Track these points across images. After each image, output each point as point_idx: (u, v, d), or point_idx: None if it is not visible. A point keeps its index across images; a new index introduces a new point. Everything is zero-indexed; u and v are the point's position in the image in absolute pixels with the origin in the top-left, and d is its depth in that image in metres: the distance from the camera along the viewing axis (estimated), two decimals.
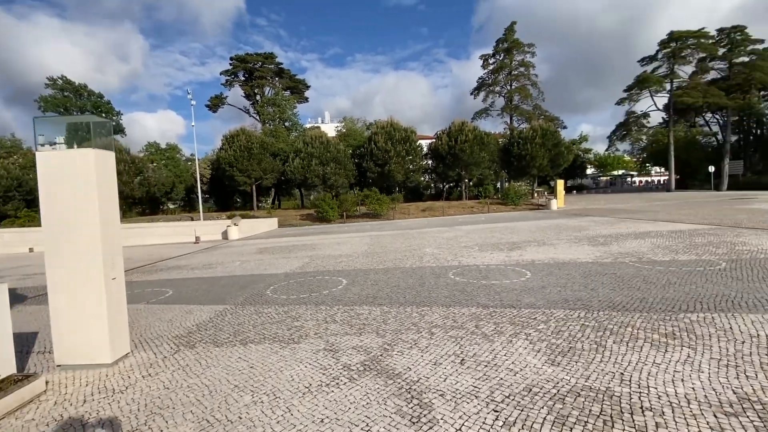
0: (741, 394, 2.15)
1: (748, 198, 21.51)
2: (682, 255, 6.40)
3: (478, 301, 4.46)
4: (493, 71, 41.48)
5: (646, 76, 35.55)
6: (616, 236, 9.23)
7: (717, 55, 34.66)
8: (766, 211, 13.00)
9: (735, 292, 4.11)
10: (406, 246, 10.25)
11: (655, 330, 3.19)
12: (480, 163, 32.36)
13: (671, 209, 16.52)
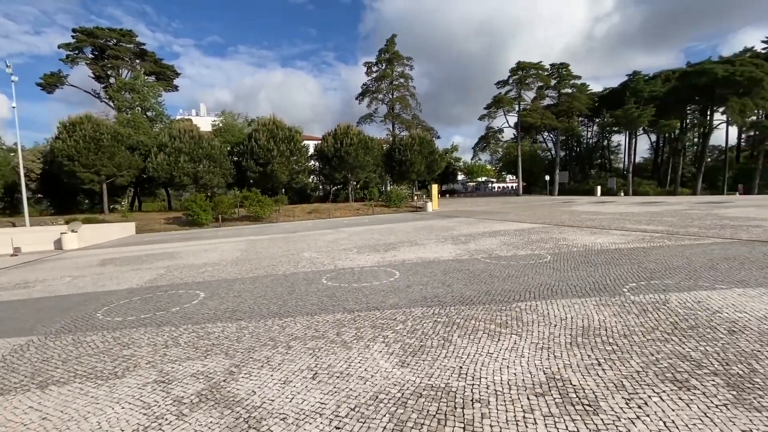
0: (549, 374, 2.48)
1: (570, 201, 26.90)
2: (521, 250, 7.51)
3: (345, 306, 4.39)
4: (376, 79, 43.26)
5: (501, 98, 41.83)
6: (474, 235, 10.40)
7: (550, 85, 42.81)
8: (582, 212, 16.39)
9: (554, 281, 4.92)
10: (283, 251, 9.74)
11: (493, 320, 3.56)
12: (365, 167, 33.30)
13: (518, 211, 19.55)
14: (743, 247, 6.45)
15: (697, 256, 5.94)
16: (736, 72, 35.62)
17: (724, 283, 4.37)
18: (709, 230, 8.74)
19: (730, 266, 5.15)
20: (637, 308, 3.66)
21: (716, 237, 7.72)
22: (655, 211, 14.62)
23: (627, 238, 8.25)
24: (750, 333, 2.93)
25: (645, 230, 9.42)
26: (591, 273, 5.25)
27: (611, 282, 4.70)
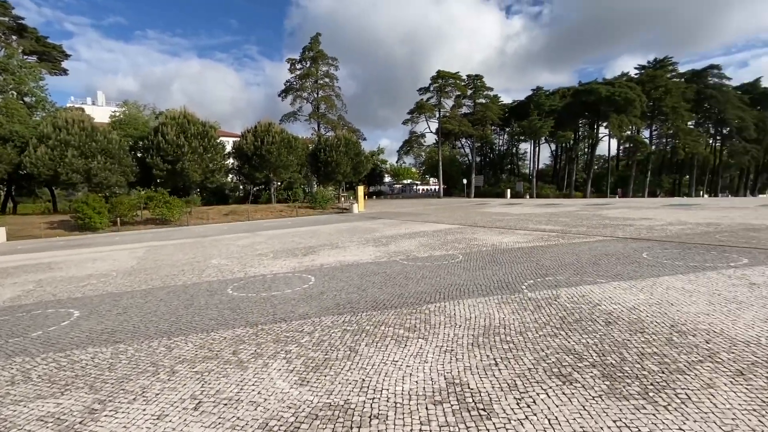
0: (450, 378, 2.47)
1: (484, 203, 28.97)
2: (437, 251, 7.75)
3: (249, 319, 4.02)
4: (300, 77, 42.09)
5: (423, 104, 43.65)
6: (395, 237, 10.54)
7: (467, 94, 45.81)
8: (493, 213, 17.69)
9: (463, 281, 5.11)
10: (188, 258, 8.81)
11: (403, 324, 3.52)
12: (288, 167, 32.10)
13: (438, 212, 20.45)
14: (619, 244, 7.43)
15: (584, 253, 6.68)
16: (616, 93, 41.89)
17: (604, 277, 4.93)
18: (595, 229, 9.97)
19: (609, 262, 5.87)
20: (533, 305, 3.92)
21: (600, 235, 8.82)
22: (552, 212, 16.35)
23: (528, 237, 9.02)
24: (622, 323, 3.29)
25: (544, 230, 10.42)
26: (496, 271, 5.57)
27: (512, 280, 5.02)
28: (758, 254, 5.82)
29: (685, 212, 13.56)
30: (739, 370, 2.37)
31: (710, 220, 10.57)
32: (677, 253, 6.27)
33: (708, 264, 5.34)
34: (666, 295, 4.01)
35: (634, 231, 9.22)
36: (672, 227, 9.58)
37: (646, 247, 6.98)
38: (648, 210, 15.39)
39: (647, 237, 8.17)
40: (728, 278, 4.54)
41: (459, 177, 54.82)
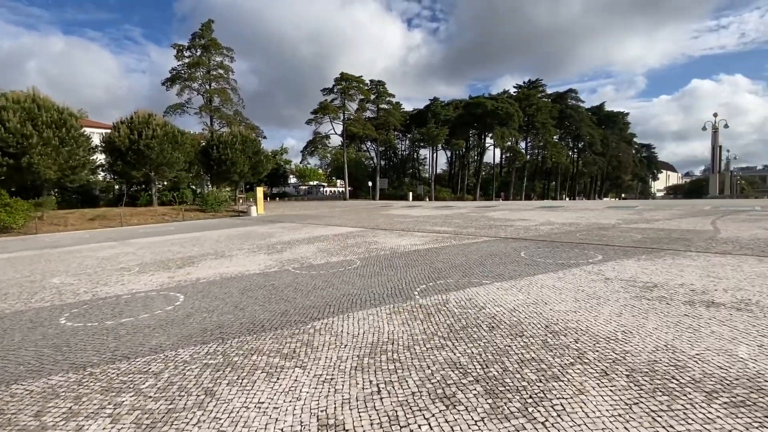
0: (323, 419, 2.08)
1: (388, 205, 29.70)
2: (334, 257, 7.37)
3: (77, 361, 3.07)
4: (189, 65, 37.84)
5: (326, 104, 43.15)
6: (293, 242, 9.86)
7: (370, 99, 46.72)
8: (395, 215, 18.08)
9: (357, 290, 4.81)
10: (20, 277, 6.88)
11: (280, 351, 3.03)
12: (174, 164, 28.43)
13: (343, 215, 20.16)
14: (501, 244, 8.01)
15: (472, 254, 6.99)
16: (499, 107, 47.17)
17: (488, 278, 5.12)
18: (482, 230, 10.73)
19: (493, 262, 6.19)
20: (423, 312, 3.78)
21: (486, 236, 9.46)
22: (447, 214, 17.37)
23: (425, 239, 9.24)
24: (504, 327, 3.31)
25: (438, 231, 10.85)
26: (391, 277, 5.41)
27: (406, 285, 4.89)
28: (609, 251, 6.76)
29: (553, 213, 15.60)
30: (604, 369, 2.47)
31: (571, 221, 12.27)
32: (548, 251, 6.95)
33: (572, 261, 5.98)
34: (540, 293, 4.27)
35: (514, 231, 10.14)
36: (543, 227, 10.82)
37: (523, 246, 7.63)
38: (524, 212, 17.36)
39: (524, 237, 9.01)
40: (588, 274, 5.08)
41: (365, 179, 55.55)
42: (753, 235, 7.83)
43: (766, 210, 13.54)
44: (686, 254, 6.11)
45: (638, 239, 7.93)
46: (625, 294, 4.12)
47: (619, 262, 5.77)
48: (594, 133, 66.93)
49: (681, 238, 7.87)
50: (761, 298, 3.76)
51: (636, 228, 9.78)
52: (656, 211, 15.00)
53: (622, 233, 8.94)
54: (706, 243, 7.10)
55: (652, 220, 11.51)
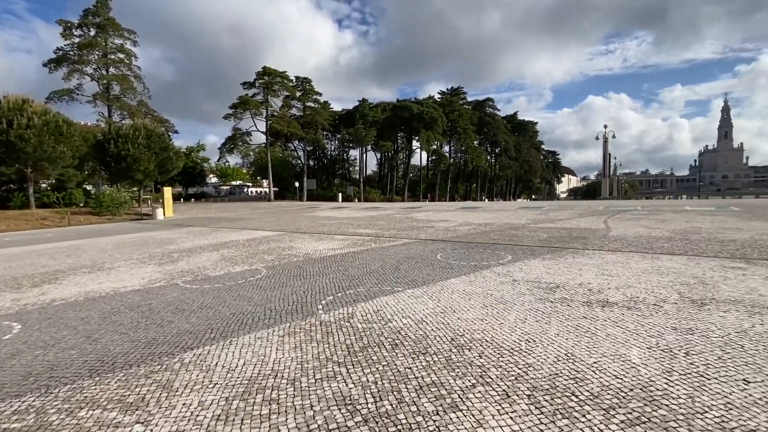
0: None
1: (315, 207, 28.77)
2: (238, 266, 6.57)
3: None
4: (80, 46, 32.75)
5: (247, 99, 40.52)
6: (195, 250, 8.72)
7: (296, 96, 45.04)
8: (320, 217, 17.37)
9: (252, 306, 4.18)
10: None
11: (123, 399, 2.33)
12: (57, 160, 24.23)
13: (264, 217, 18.86)
14: (420, 246, 7.90)
15: (390, 257, 6.72)
16: (424, 111, 48.74)
17: (402, 284, 4.84)
18: (403, 231, 10.62)
19: (409, 266, 5.97)
20: (323, 331, 3.32)
21: (406, 238, 9.33)
22: (373, 216, 17.17)
23: (345, 243, 8.81)
24: (408, 344, 2.99)
25: (361, 234, 10.50)
26: (297, 288, 4.86)
27: (311, 298, 4.38)
28: (518, 251, 6.97)
29: (472, 214, 16.26)
30: (505, 391, 2.24)
31: (487, 221, 12.81)
32: (463, 253, 6.96)
33: (484, 262, 6.00)
34: (450, 300, 4.07)
35: (434, 232, 10.19)
36: (462, 228, 11.07)
37: (440, 248, 7.59)
38: (447, 212, 17.88)
39: (443, 238, 9.05)
40: (498, 276, 5.07)
41: (292, 180, 53.57)
42: (636, 233, 8.75)
43: (644, 210, 15.55)
44: (584, 252, 6.51)
45: (544, 238, 8.39)
46: (531, 297, 4.10)
47: (526, 262, 5.91)
48: (509, 140, 72.76)
49: (580, 236, 8.49)
50: (646, 295, 3.97)
51: (542, 228, 10.44)
52: (560, 211, 16.43)
53: (530, 233, 9.43)
54: (600, 241, 7.71)
55: (557, 220, 12.47)
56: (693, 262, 5.42)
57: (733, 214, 12.35)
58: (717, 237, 7.62)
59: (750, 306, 3.52)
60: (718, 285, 4.22)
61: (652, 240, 7.59)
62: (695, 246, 6.72)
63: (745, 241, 6.99)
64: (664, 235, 8.23)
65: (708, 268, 5.02)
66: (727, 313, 3.38)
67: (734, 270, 4.87)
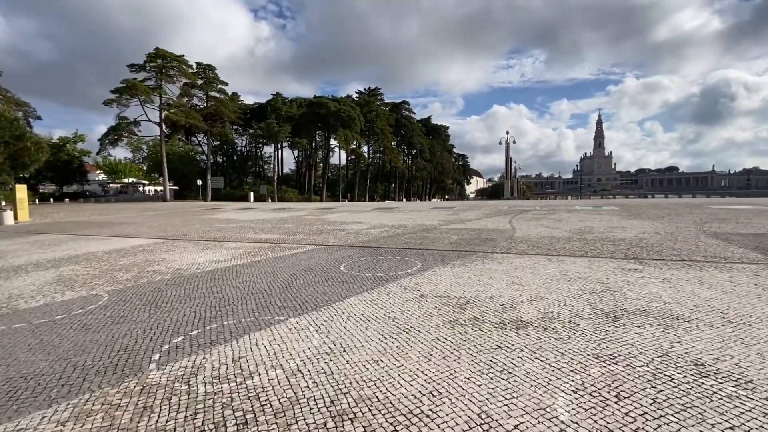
0: None
1: (219, 208, 25.94)
2: (73, 291, 4.88)
3: None
4: None
5: (134, 83, 35.10)
6: (25, 267, 6.55)
7: (197, 84, 40.50)
8: (220, 220, 15.31)
9: (49, 362, 2.79)
10: None
11: None
12: None
13: (149, 221, 16.07)
14: (324, 254, 6.94)
15: (284, 270, 5.64)
16: (341, 109, 47.80)
17: (286, 310, 3.83)
18: (310, 236, 9.56)
19: (305, 281, 4.98)
20: (138, 405, 2.18)
21: (312, 244, 8.29)
22: (282, 218, 15.70)
23: (236, 252, 7.44)
24: (264, 419, 2.02)
25: (260, 240, 9.17)
26: (138, 325, 3.54)
27: (150, 342, 3.14)
28: (428, 256, 6.43)
29: (387, 215, 15.80)
30: None
31: (401, 222, 12.37)
32: (371, 261, 6.19)
33: (391, 273, 5.28)
34: (342, 332, 3.19)
35: (344, 236, 9.32)
36: (374, 230, 10.39)
37: (347, 256, 6.73)
38: (362, 213, 17.20)
39: (352, 243, 8.22)
40: (404, 291, 4.36)
41: (195, 177, 48.31)
42: (539, 233, 8.94)
43: (543, 210, 16.72)
44: (493, 257, 6.21)
45: (455, 241, 8.06)
46: (438, 319, 3.42)
47: (436, 271, 5.33)
48: (424, 142, 75.62)
49: (488, 238, 8.36)
50: (560, 310, 3.57)
51: (453, 229, 10.26)
52: (469, 211, 16.86)
53: (441, 235, 9.11)
54: (508, 243, 7.60)
55: (466, 221, 12.54)
56: (595, 265, 5.37)
57: (614, 213, 13.75)
58: (608, 236, 8.05)
59: (660, 317, 3.29)
60: (623, 292, 4.03)
61: (554, 240, 7.71)
62: (593, 246, 6.90)
63: (632, 240, 7.42)
64: (564, 235, 8.50)
65: (609, 271, 4.95)
66: (641, 328, 3.07)
67: (633, 273, 4.85)
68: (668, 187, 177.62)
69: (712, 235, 7.73)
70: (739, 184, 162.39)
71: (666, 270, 4.95)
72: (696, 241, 7.06)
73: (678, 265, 5.18)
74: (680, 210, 13.95)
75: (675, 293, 3.92)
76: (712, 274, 4.63)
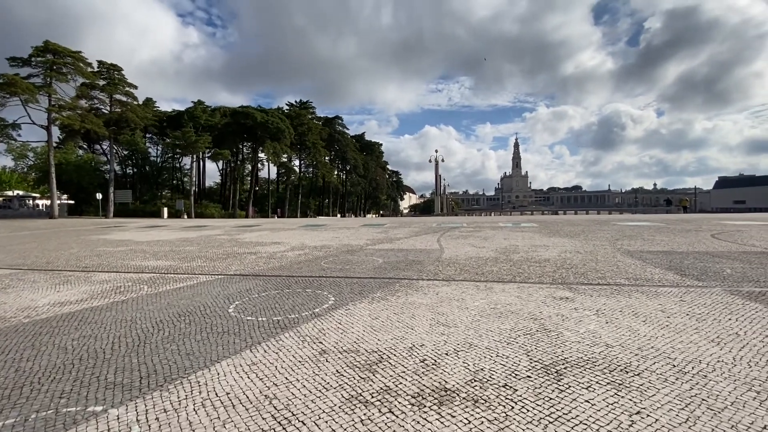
0: None
1: (120, 225, 22.44)
2: None
3: None
4: None
5: (14, 79, 29.60)
6: None
7: (98, 85, 35.69)
8: (108, 242, 12.79)
9: None
10: None
11: None
12: None
13: (16, 242, 12.94)
14: (217, 288, 5.63)
15: (150, 315, 4.27)
16: (269, 121, 45.56)
17: (111, 392, 2.58)
18: (211, 262, 8.07)
19: (172, 334, 3.70)
20: None
21: (207, 273, 6.87)
22: (188, 238, 13.70)
23: (99, 289, 5.77)
24: None
25: (144, 269, 7.46)
26: None
27: None
28: (345, 287, 5.48)
29: (313, 234, 14.61)
30: None
31: (325, 242, 11.31)
32: (273, 297, 5.06)
33: (293, 315, 4.22)
34: None
35: (252, 262, 8.01)
36: (291, 253, 9.20)
37: (246, 290, 5.50)
38: (285, 232, 15.79)
39: (259, 271, 6.97)
40: (302, 345, 3.34)
41: (97, 190, 42.22)
42: (466, 253, 8.51)
43: (470, 226, 16.83)
44: (418, 285, 5.46)
45: (379, 265, 7.24)
46: (336, 396, 2.47)
47: (349, 309, 4.40)
48: (357, 158, 75.61)
49: (415, 260, 7.69)
50: (492, 366, 2.83)
51: (380, 250, 9.49)
52: (400, 228, 16.36)
53: (366, 257, 8.25)
54: (435, 266, 6.97)
55: (395, 239, 11.90)
56: (525, 293, 4.86)
57: (535, 230, 14.15)
58: (533, 256, 7.85)
59: (608, 369, 2.70)
60: (560, 332, 3.46)
61: (481, 262, 7.27)
62: (519, 269, 6.53)
63: (557, 261, 7.24)
64: (491, 255, 8.15)
65: (541, 302, 4.45)
66: (590, 391, 2.42)
67: (564, 303, 4.39)
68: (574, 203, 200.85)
69: (627, 254, 7.90)
70: (629, 201, 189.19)
71: (597, 297, 4.59)
72: (615, 261, 7.06)
73: (606, 291, 4.88)
74: (591, 227, 14.83)
75: (614, 331, 3.43)
76: (642, 302, 4.33)
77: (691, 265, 6.47)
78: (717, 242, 9.58)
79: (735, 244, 9.09)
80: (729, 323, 3.53)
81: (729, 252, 7.87)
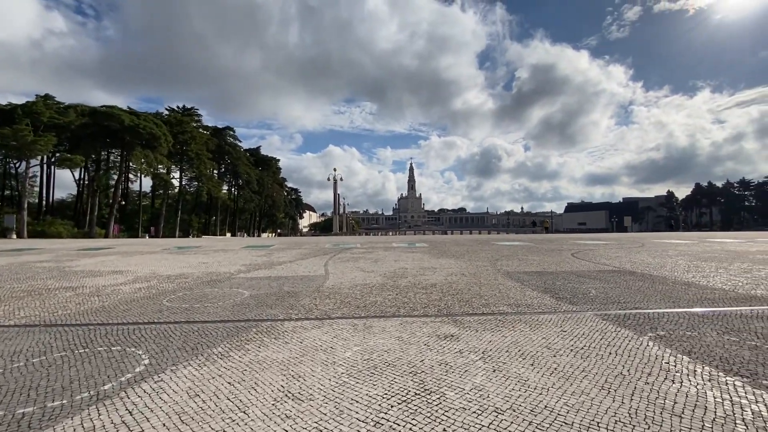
0: None
1: None
2: None
3: None
4: None
5: None
6: None
7: None
8: None
9: None
10: None
11: None
12: None
13: None
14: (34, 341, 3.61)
15: None
16: (140, 125, 39.39)
17: None
18: (0, 304, 5.62)
19: None
20: None
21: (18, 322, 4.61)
22: None
23: None
24: None
25: None
26: None
27: None
28: (176, 339, 4.01)
29: (175, 258, 12.21)
30: None
31: (185, 270, 9.30)
32: (53, 363, 3.35)
33: (63, 398, 2.68)
34: None
35: (60, 303, 5.81)
36: (129, 287, 7.14)
37: (15, 352, 3.62)
38: (141, 256, 12.97)
39: (58, 319, 4.95)
40: None
41: None
42: (352, 279, 7.67)
43: (363, 247, 16.22)
44: (281, 330, 4.32)
45: (242, 300, 5.87)
46: None
47: (161, 381, 3.02)
48: (251, 173, 70.73)
49: (290, 292, 6.51)
50: None
51: (252, 279, 8.04)
52: (287, 250, 14.88)
53: (229, 290, 6.75)
54: (311, 299, 5.91)
55: (277, 264, 10.49)
56: (407, 333, 4.12)
57: (425, 251, 14.17)
58: (420, 281, 7.37)
59: None
60: (443, 393, 2.71)
61: (366, 291, 6.46)
62: (405, 297, 5.88)
63: (443, 286, 6.84)
64: (378, 281, 7.44)
65: (423, 344, 3.73)
66: None
67: (449, 344, 3.74)
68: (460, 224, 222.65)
69: (506, 275, 7.99)
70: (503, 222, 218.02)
71: (482, 332, 4.08)
72: (497, 284, 6.96)
73: (491, 323, 4.44)
74: (474, 247, 15.54)
75: (502, 384, 2.82)
76: (526, 335, 3.95)
77: (562, 287, 6.66)
78: (577, 261, 10.59)
79: (591, 263, 10.11)
80: (611, 360, 3.25)
81: (589, 271, 8.57)
